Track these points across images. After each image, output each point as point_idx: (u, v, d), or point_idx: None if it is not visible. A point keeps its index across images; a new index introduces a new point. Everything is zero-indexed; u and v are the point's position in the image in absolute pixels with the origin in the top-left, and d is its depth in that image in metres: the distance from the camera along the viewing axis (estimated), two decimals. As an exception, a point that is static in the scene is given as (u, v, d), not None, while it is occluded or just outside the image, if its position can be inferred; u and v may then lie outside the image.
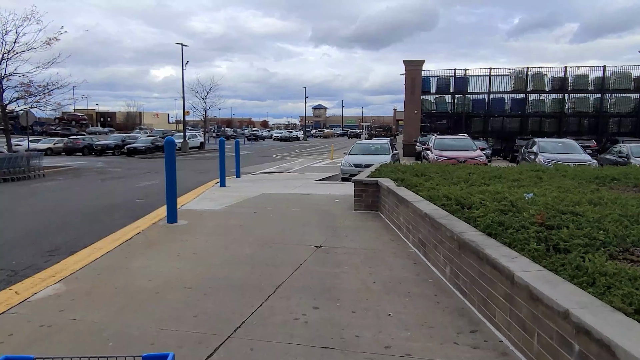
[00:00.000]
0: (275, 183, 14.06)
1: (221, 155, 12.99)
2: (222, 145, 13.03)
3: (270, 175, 17.40)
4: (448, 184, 7.49)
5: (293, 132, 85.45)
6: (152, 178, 17.30)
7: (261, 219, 7.83)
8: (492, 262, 3.37)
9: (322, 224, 7.36)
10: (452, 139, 15.69)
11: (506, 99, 32.10)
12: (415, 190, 6.90)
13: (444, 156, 13.86)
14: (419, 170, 9.42)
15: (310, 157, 31.48)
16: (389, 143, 16.42)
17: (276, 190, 11.94)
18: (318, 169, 21.26)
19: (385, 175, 8.98)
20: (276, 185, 13.26)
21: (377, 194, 8.48)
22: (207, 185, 13.59)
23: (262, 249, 5.75)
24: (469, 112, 32.28)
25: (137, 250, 5.70)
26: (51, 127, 59.91)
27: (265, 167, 22.40)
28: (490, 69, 31.60)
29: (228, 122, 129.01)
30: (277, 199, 10.32)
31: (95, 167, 22.82)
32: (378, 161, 14.22)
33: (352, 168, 14.38)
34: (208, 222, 7.66)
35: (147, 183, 15.41)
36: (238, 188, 12.61)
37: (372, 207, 8.55)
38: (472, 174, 8.82)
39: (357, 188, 8.64)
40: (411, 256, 5.44)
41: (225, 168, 13.06)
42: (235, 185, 13.42)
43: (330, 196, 10.68)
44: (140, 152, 33.00)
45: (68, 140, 35.68)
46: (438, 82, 32.67)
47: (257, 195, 10.94)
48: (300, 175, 17.48)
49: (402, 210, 6.48)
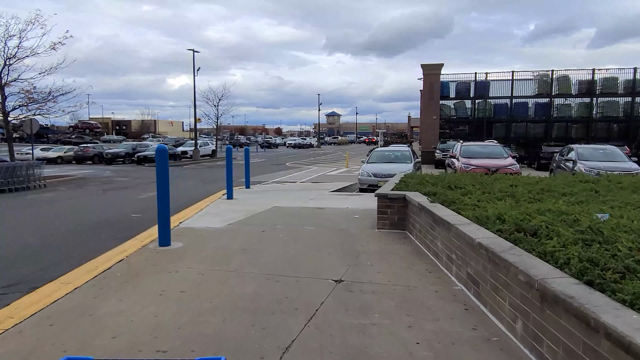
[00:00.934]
0: (287, 194, 12.92)
1: (228, 164, 11.91)
2: (230, 153, 11.95)
3: (282, 186, 16.27)
4: (492, 199, 6.26)
5: (307, 139, 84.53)
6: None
7: (269, 241, 6.67)
8: (619, 338, 2.16)
9: (341, 248, 6.18)
10: (480, 146, 14.40)
11: (530, 103, 30.62)
12: (455, 208, 5.69)
13: (473, 165, 12.58)
14: (451, 181, 8.19)
15: (325, 165, 30.36)
16: (410, 150, 15.19)
17: (288, 203, 10.80)
18: (333, 178, 20.09)
19: (412, 188, 7.78)
20: (288, 197, 12.12)
21: (405, 211, 7.28)
22: (214, 197, 12.51)
23: (268, 285, 4.58)
24: (490, 117, 30.85)
25: (112, 287, 4.58)
26: (66, 136, 59.80)
27: (278, 176, 21.31)
28: (512, 72, 30.20)
29: (242, 130, 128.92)
30: (288, 214, 9.17)
31: (101, 177, 21.97)
32: (399, 170, 13.02)
33: (371, 178, 13.18)
34: (207, 244, 6.53)
35: (150, 194, 14.39)
36: (246, 200, 11.50)
37: (399, 225, 7.34)
38: (514, 187, 7.58)
39: (381, 203, 7.44)
40: (459, 297, 4.22)
41: (232, 178, 11.97)
42: (243, 197, 12.31)
43: (348, 211, 9.49)
44: (151, 161, 32.13)
45: (78, 149, 35.09)
46: (457, 86, 31.34)
47: (266, 210, 9.80)
48: (314, 185, 16.33)
49: (441, 234, 5.26)
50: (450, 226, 4.80)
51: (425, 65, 31.07)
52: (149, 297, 4.23)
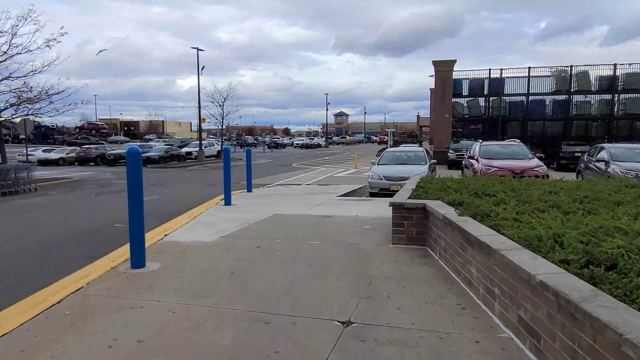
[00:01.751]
0: (290, 199, 11.84)
1: (226, 167, 10.85)
2: (227, 155, 10.89)
3: (286, 189, 15.20)
4: (533, 211, 5.12)
5: (314, 139, 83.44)
6: (153, 192, 15.31)
7: (264, 261, 5.59)
8: None
9: (350, 271, 5.08)
10: (501, 146, 13.19)
11: (547, 100, 29.28)
12: (493, 224, 4.56)
13: (495, 166, 11.41)
14: (477, 187, 7.06)
15: (332, 165, 29.25)
16: (424, 151, 14.03)
17: (290, 210, 9.72)
18: (341, 180, 18.99)
19: (433, 195, 6.66)
20: (291, 203, 11.04)
21: (425, 223, 6.16)
22: (211, 202, 11.47)
23: (254, 330, 3.50)
24: (505, 115, 29.54)
25: (51, 333, 3.52)
26: (72, 137, 59.33)
27: (283, 178, 20.26)
28: (529, 69, 28.86)
29: (250, 130, 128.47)
30: (290, 224, 8.09)
31: (99, 179, 21.06)
32: (413, 173, 11.89)
33: (383, 181, 12.05)
34: (189, 265, 5.47)
35: (146, 199, 13.35)
36: (245, 207, 10.44)
37: (418, 240, 6.23)
38: (554, 194, 6.43)
39: (397, 214, 6.32)
40: (510, 353, 3.10)
41: (231, 182, 10.91)
42: (243, 202, 11.26)
43: (357, 220, 8.39)
44: (154, 162, 31.34)
45: (80, 150, 34.35)
46: (471, 83, 30.06)
47: (265, 219, 8.72)
48: (320, 188, 15.23)
49: (477, 259, 4.15)
50: (492, 251, 3.68)
51: (437, 61, 29.85)
52: (92, 352, 3.16)
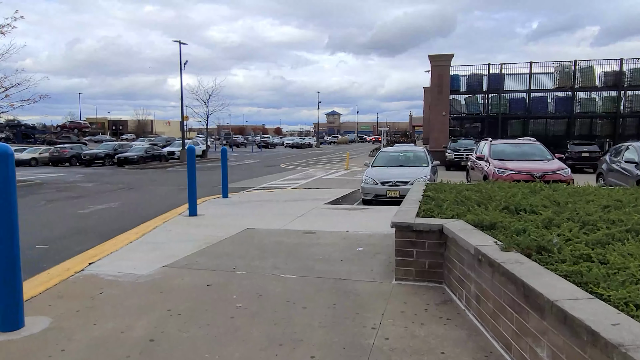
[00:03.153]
0: (270, 208, 10.04)
1: (190, 170, 9.00)
2: (192, 155, 9.04)
3: (268, 194, 13.38)
4: (607, 241, 3.38)
5: (305, 138, 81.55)
6: (117, 198, 13.42)
7: (207, 317, 3.78)
8: None
9: (334, 338, 3.29)
10: (515, 145, 11.44)
11: (549, 97, 27.74)
12: (565, 270, 2.79)
13: (510, 169, 9.68)
14: (505, 198, 5.34)
15: (322, 166, 27.45)
16: (425, 151, 12.27)
17: (267, 223, 7.91)
18: (331, 183, 17.21)
19: (449, 211, 4.90)
20: (271, 212, 9.24)
21: (441, 252, 4.40)
22: (176, 211, 9.64)
23: None
24: (505, 113, 27.95)
25: None
26: (51, 136, 56.94)
27: (268, 180, 18.43)
28: (530, 64, 27.29)
29: (241, 130, 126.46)
30: (262, 245, 6.28)
31: (65, 182, 19.08)
32: (414, 177, 10.14)
33: (378, 186, 10.27)
34: (90, 326, 3.64)
35: (101, 207, 11.51)
36: (213, 218, 8.63)
37: (431, 275, 4.46)
38: (610, 209, 4.70)
39: (403, 239, 4.55)
40: None
41: (196, 188, 9.07)
42: (213, 211, 9.44)
43: (348, 237, 6.61)
44: (132, 162, 29.36)
45: (54, 150, 32.21)
46: (469, 79, 28.46)
47: (233, 236, 6.92)
48: (307, 192, 13.43)
49: (556, 339, 2.37)
50: (608, 347, 1.91)
51: (433, 56, 28.17)
52: None
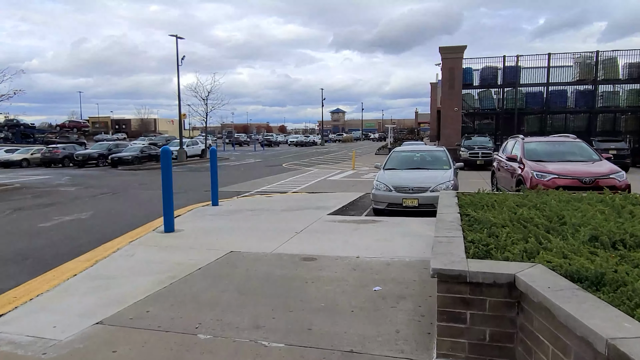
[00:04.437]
0: (264, 220, 8.44)
1: (165, 178, 7.40)
2: (167, 159, 7.43)
3: (265, 200, 11.78)
4: None
5: (310, 136, 79.85)
6: (93, 205, 11.88)
7: None
8: None
9: None
10: (552, 143, 9.68)
11: (569, 91, 25.93)
12: None
13: (552, 173, 8.02)
14: (582, 221, 3.73)
15: (327, 166, 25.82)
16: (445, 151, 10.60)
17: (258, 243, 6.33)
18: (336, 186, 15.59)
19: (512, 245, 3.29)
20: (263, 227, 7.64)
21: (510, 314, 2.78)
22: (150, 226, 8.09)
23: None
24: (521, 108, 26.17)
25: None
26: (50, 136, 55.58)
27: (267, 183, 16.82)
28: (549, 55, 25.48)
29: (245, 128, 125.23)
30: (243, 282, 4.69)
31: (45, 185, 17.57)
32: (435, 181, 8.52)
33: (392, 194, 8.63)
34: None
35: (68, 218, 9.95)
36: (192, 235, 7.05)
37: (496, 351, 2.84)
38: None
39: (449, 294, 2.92)
40: None
41: (172, 199, 7.48)
42: (194, 226, 7.87)
43: (359, 268, 5.01)
44: (127, 163, 27.86)
45: (46, 150, 30.76)
46: (482, 73, 26.70)
47: (210, 263, 5.34)
48: (309, 198, 11.82)
49: None
50: None
51: (444, 48, 26.44)
52: None
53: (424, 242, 6.33)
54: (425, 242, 6.37)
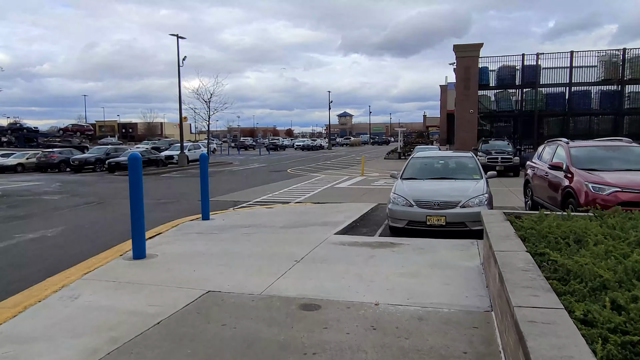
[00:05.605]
0: (258, 241, 6.98)
1: (134, 191, 5.96)
2: (136, 167, 5.98)
3: (264, 212, 10.32)
4: None
5: (317, 140, 78.44)
6: (69, 219, 10.51)
7: None
8: None
9: None
10: (604, 148, 8.02)
11: (593, 92, 24.27)
12: None
13: (612, 185, 6.47)
14: None
15: (334, 172, 24.35)
16: (473, 156, 9.04)
17: (243, 279, 4.86)
18: (344, 194, 14.10)
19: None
20: (255, 253, 6.18)
21: None
22: (119, 249, 6.65)
23: None
24: (542, 110, 24.55)
25: None
26: (53, 139, 54.61)
27: (269, 191, 15.37)
28: (571, 53, 23.84)
29: (251, 132, 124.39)
30: (213, 351, 3.21)
31: (30, 193, 16.25)
32: (465, 195, 7.02)
33: (413, 209, 7.12)
34: None
35: (32, 236, 8.55)
36: (164, 266, 5.61)
37: None
38: None
39: None
40: None
41: (143, 218, 6.03)
42: (172, 249, 6.43)
43: (380, 326, 3.51)
44: (124, 168, 26.46)
45: (42, 155, 29.58)
46: (499, 72, 25.12)
47: (175, 314, 3.89)
48: (314, 210, 10.35)
49: None
50: None
51: (459, 46, 24.91)
52: None
53: (462, 278, 4.83)
54: (464, 277, 4.87)
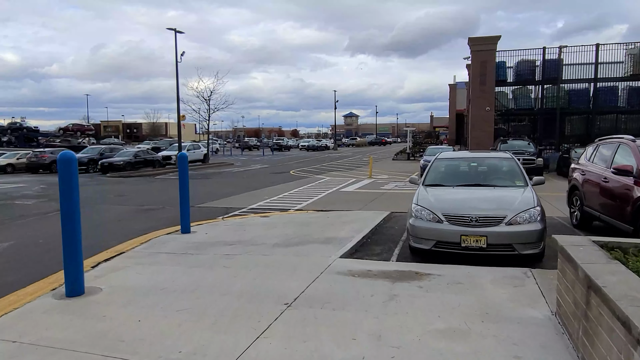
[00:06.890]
0: (241, 267, 5.36)
1: (66, 207, 4.36)
2: (71, 173, 4.39)
3: (255, 225, 8.69)
4: None
5: (322, 140, 76.73)
6: (29, 230, 8.97)
7: None
8: None
9: None
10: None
11: (620, 88, 22.44)
12: None
13: None
14: None
15: (340, 173, 22.68)
16: (514, 159, 7.28)
17: (204, 346, 3.22)
18: (351, 200, 12.44)
19: None
20: (233, 290, 4.56)
21: None
22: (59, 276, 5.02)
23: None
24: (564, 107, 22.74)
25: None
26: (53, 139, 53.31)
27: (266, 196, 13.73)
28: (597, 46, 22.03)
29: (257, 132, 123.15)
30: None
31: (6, 197, 14.74)
32: (510, 208, 5.37)
33: (442, 226, 5.46)
34: None
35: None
36: (101, 312, 4.01)
37: None
38: None
39: None
40: None
41: (79, 242, 4.45)
42: (123, 282, 4.85)
43: None
44: (118, 169, 25.07)
45: (32, 155, 28.12)
46: (518, 67, 23.31)
47: None
48: (315, 221, 8.70)
49: None
50: None
51: (474, 38, 23.15)
52: None
53: (535, 342, 3.18)
54: (538, 341, 3.21)
